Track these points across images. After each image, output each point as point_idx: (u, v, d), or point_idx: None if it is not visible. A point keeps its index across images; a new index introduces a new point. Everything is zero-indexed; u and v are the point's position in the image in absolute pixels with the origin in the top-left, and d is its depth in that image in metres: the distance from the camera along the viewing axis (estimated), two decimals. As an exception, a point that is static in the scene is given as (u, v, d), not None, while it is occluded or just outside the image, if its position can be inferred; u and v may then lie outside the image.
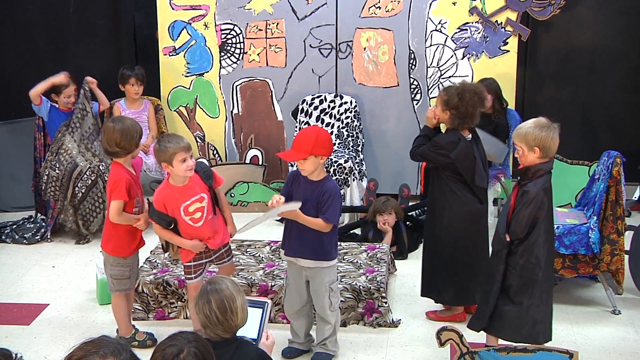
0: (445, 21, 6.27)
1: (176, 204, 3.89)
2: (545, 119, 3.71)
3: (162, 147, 3.83)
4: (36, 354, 4.14)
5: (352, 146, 6.38)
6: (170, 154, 3.79)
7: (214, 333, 2.75)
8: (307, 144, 3.75)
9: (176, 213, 3.90)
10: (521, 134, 3.65)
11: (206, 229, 3.96)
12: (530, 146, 3.61)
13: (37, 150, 6.11)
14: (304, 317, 4.07)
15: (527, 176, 3.64)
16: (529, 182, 3.62)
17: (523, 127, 3.68)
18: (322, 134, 3.83)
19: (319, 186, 3.82)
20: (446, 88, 4.25)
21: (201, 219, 3.93)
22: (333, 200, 3.78)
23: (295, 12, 6.44)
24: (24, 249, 5.71)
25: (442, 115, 4.22)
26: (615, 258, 4.45)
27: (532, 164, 3.63)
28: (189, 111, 6.71)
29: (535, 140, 3.60)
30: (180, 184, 3.89)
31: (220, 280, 2.84)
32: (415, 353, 4.13)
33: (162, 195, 3.91)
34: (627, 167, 4.57)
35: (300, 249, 3.87)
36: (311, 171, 3.81)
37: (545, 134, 3.61)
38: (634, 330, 4.36)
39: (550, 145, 3.62)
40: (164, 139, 3.88)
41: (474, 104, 4.14)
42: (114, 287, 4.12)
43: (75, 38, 6.83)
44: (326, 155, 3.82)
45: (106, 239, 4.10)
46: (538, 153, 3.61)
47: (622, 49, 6.69)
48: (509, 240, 3.65)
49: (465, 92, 4.13)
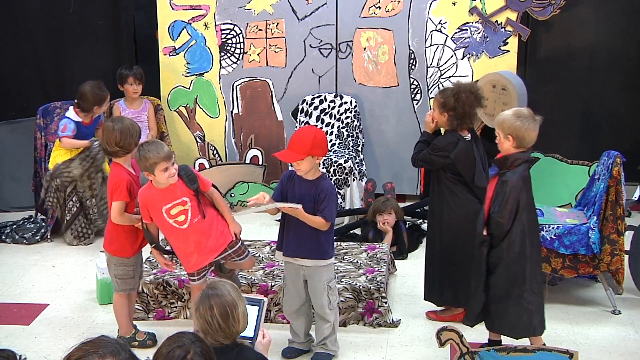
0: (445, 21, 6.27)
1: (157, 206, 3.86)
2: (527, 109, 3.73)
3: (142, 156, 3.76)
4: (36, 354, 4.14)
5: (352, 146, 6.38)
6: (150, 164, 3.74)
7: (214, 339, 2.70)
8: (304, 145, 3.76)
9: (158, 215, 3.88)
10: (498, 120, 3.69)
11: (193, 232, 3.90)
12: (505, 134, 3.64)
13: (37, 150, 6.11)
14: (303, 316, 4.07)
15: (505, 165, 3.66)
16: (507, 171, 3.64)
17: (502, 114, 3.71)
18: (319, 135, 3.85)
19: (314, 185, 3.84)
20: (442, 90, 4.27)
21: (185, 222, 3.88)
22: (330, 199, 3.81)
23: (295, 12, 6.44)
24: (24, 249, 5.71)
25: (440, 117, 4.23)
26: (615, 258, 4.45)
27: (508, 153, 3.65)
28: (189, 111, 6.71)
29: (509, 129, 3.62)
30: (162, 186, 3.85)
31: (221, 285, 2.79)
32: (415, 353, 4.13)
33: (143, 196, 3.89)
34: (627, 167, 4.57)
35: (298, 248, 3.88)
36: (307, 171, 3.83)
37: (520, 123, 3.61)
38: (634, 330, 4.36)
39: (524, 135, 3.62)
40: (144, 148, 3.79)
41: (470, 103, 4.15)
42: (119, 287, 4.12)
43: (75, 38, 6.82)
44: (323, 155, 3.85)
45: (109, 240, 4.10)
46: (512, 141, 3.63)
47: (622, 49, 6.69)
48: (486, 235, 3.66)
49: (461, 92, 4.15)
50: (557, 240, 4.45)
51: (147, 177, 3.86)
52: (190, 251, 3.94)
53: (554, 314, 4.53)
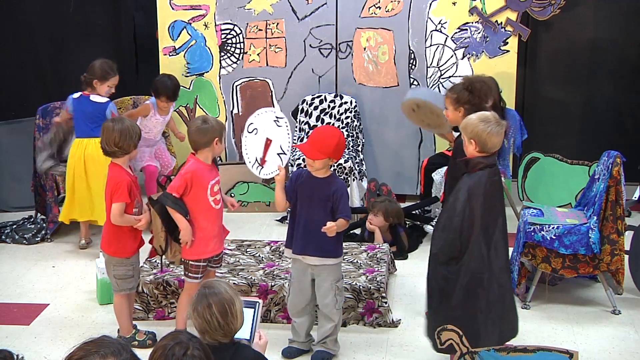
0: (445, 21, 6.27)
1: (205, 181, 3.94)
2: (493, 114, 3.63)
3: (208, 127, 3.92)
4: (36, 354, 4.15)
5: (352, 146, 6.38)
6: (222, 129, 3.96)
7: (212, 338, 2.71)
8: (328, 146, 3.80)
9: (203, 191, 3.93)
10: (463, 124, 3.63)
11: (219, 215, 4.05)
12: (468, 138, 3.58)
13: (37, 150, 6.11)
14: (307, 315, 4.07)
15: (467, 168, 3.60)
16: (467, 173, 3.58)
17: (467, 118, 3.64)
18: (342, 139, 3.90)
19: (326, 184, 3.87)
20: (451, 88, 4.24)
21: (219, 202, 4.02)
22: (345, 197, 3.89)
23: (295, 12, 6.44)
24: (24, 249, 5.71)
25: (455, 115, 4.19)
26: (615, 258, 4.45)
27: (472, 157, 3.59)
28: (189, 111, 6.71)
29: (472, 132, 3.55)
30: (208, 162, 3.98)
31: (217, 283, 2.81)
32: (415, 353, 4.13)
33: (194, 169, 3.92)
34: (627, 167, 4.57)
35: (307, 246, 3.90)
36: (320, 169, 3.87)
37: (483, 127, 3.52)
38: (634, 330, 4.36)
39: (486, 139, 3.52)
40: (203, 120, 3.97)
41: (485, 92, 4.17)
42: (119, 287, 4.13)
43: (75, 38, 6.83)
44: (339, 160, 3.90)
45: (108, 241, 4.10)
46: (474, 145, 3.56)
47: (622, 49, 6.69)
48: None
49: (475, 83, 4.16)
50: (557, 240, 4.45)
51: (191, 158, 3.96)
52: (214, 234, 4.03)
53: (554, 314, 4.54)
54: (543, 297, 4.65)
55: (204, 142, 3.93)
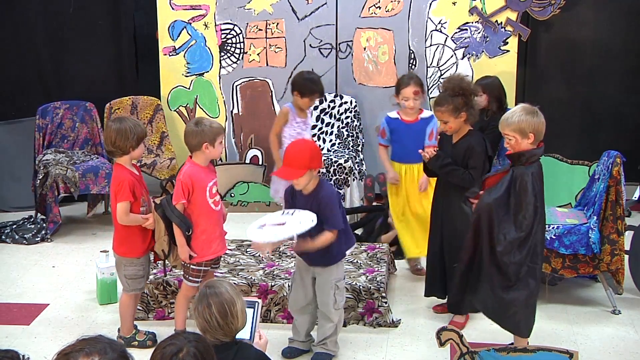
0: (445, 21, 6.27)
1: (204, 182, 3.93)
2: (528, 104, 3.76)
3: (206, 127, 3.89)
4: (36, 354, 4.14)
5: (352, 146, 6.37)
6: (214, 134, 3.90)
7: (213, 337, 2.72)
8: (303, 159, 3.76)
9: (202, 193, 3.92)
10: (514, 123, 3.67)
11: (220, 216, 4.05)
12: (525, 133, 3.65)
13: (37, 150, 6.11)
14: (308, 314, 4.06)
15: (520, 161, 3.68)
16: (522, 166, 3.67)
17: (513, 116, 3.69)
18: (314, 147, 3.88)
19: (313, 198, 3.83)
20: (439, 101, 4.17)
21: (219, 203, 4.02)
22: (329, 207, 3.79)
23: (295, 12, 6.44)
24: (24, 249, 5.71)
25: (457, 122, 4.19)
26: (615, 258, 4.45)
27: (527, 149, 3.67)
28: (188, 111, 6.70)
29: (530, 127, 3.65)
30: (204, 164, 3.97)
31: (218, 283, 2.82)
32: (415, 353, 4.13)
33: (191, 173, 3.91)
34: (627, 167, 4.57)
35: (308, 258, 3.90)
36: (306, 184, 3.81)
37: (537, 119, 3.67)
38: (634, 330, 4.36)
39: (542, 129, 3.69)
40: (203, 121, 3.95)
41: (468, 83, 4.24)
42: (129, 287, 4.12)
43: (75, 38, 6.82)
44: (320, 167, 3.86)
45: (118, 242, 4.09)
46: (532, 139, 3.66)
47: (622, 49, 6.69)
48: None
49: (458, 84, 4.18)
50: (557, 240, 4.45)
51: (192, 159, 3.95)
52: (215, 236, 4.02)
53: (554, 314, 4.54)
54: (543, 297, 4.64)
55: (193, 144, 3.92)
